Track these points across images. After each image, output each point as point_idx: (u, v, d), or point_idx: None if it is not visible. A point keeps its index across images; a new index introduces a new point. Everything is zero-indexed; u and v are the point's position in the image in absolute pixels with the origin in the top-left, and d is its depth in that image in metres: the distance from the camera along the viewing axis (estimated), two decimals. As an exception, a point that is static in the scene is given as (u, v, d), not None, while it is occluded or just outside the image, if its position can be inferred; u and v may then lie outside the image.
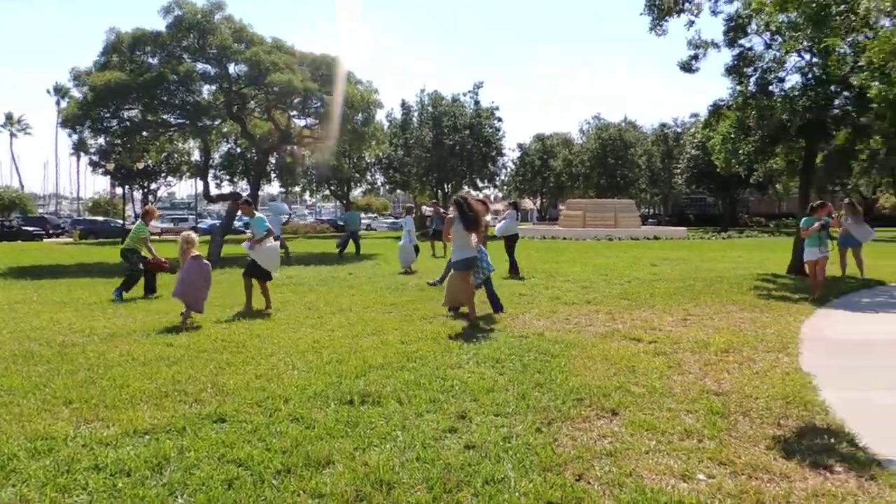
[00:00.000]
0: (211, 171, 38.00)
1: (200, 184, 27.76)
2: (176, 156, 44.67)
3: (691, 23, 14.55)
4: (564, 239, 32.91)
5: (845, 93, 13.77)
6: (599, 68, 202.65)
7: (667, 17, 13.39)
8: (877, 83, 10.13)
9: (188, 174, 47.85)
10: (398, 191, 67.66)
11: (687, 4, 13.21)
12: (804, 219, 11.32)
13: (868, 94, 11.87)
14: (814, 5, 9.33)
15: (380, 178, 52.48)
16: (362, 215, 58.35)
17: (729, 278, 13.72)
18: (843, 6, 9.17)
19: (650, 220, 58.93)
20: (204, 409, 4.83)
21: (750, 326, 8.18)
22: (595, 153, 60.45)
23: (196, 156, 38.22)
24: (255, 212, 10.16)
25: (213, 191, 30.57)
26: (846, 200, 16.15)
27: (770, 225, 55.01)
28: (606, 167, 59.16)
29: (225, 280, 13.02)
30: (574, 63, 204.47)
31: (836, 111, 14.21)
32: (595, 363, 6.17)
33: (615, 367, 6.04)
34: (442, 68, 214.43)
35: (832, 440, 4.17)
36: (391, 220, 64.40)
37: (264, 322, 8.65)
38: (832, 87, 13.80)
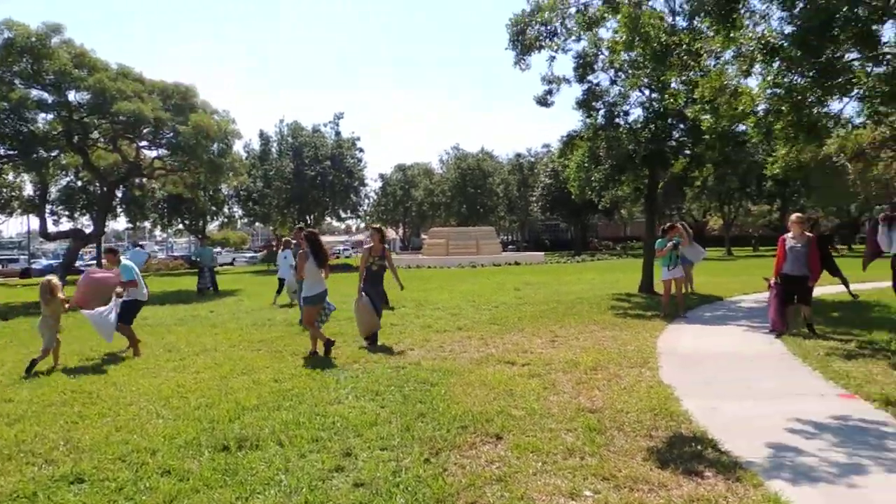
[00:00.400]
0: (48, 207, 35.00)
1: (34, 220, 25.40)
2: (5, 190, 40.75)
3: (553, 58, 15.39)
4: (429, 267, 33.29)
5: (681, 125, 15.12)
6: (459, 99, 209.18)
7: (530, 53, 14.07)
8: (707, 116, 11.22)
9: (19, 210, 43.75)
10: (257, 224, 65.69)
11: (547, 41, 13.96)
12: (658, 240, 12.18)
13: (700, 127, 13.12)
14: (656, 45, 10.20)
15: (238, 211, 50.66)
16: (221, 250, 55.88)
17: (588, 299, 14.46)
18: (682, 46, 10.10)
19: (510, 247, 61.08)
20: (58, 469, 4.34)
21: (612, 344, 8.63)
22: (455, 182, 62.05)
23: (29, 190, 34.98)
24: (122, 258, 9.43)
25: (51, 228, 28.12)
26: (678, 224, 17.65)
27: (617, 248, 58.78)
28: (466, 196, 60.85)
29: (71, 324, 11.92)
30: (434, 94, 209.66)
31: (674, 142, 15.56)
32: (474, 389, 6.23)
33: (494, 391, 6.13)
34: (301, 97, 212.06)
35: (699, 447, 4.45)
36: (250, 254, 62.14)
37: (119, 368, 7.98)
38: (670, 120, 15.10)
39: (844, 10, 7.18)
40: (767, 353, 7.95)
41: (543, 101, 16.44)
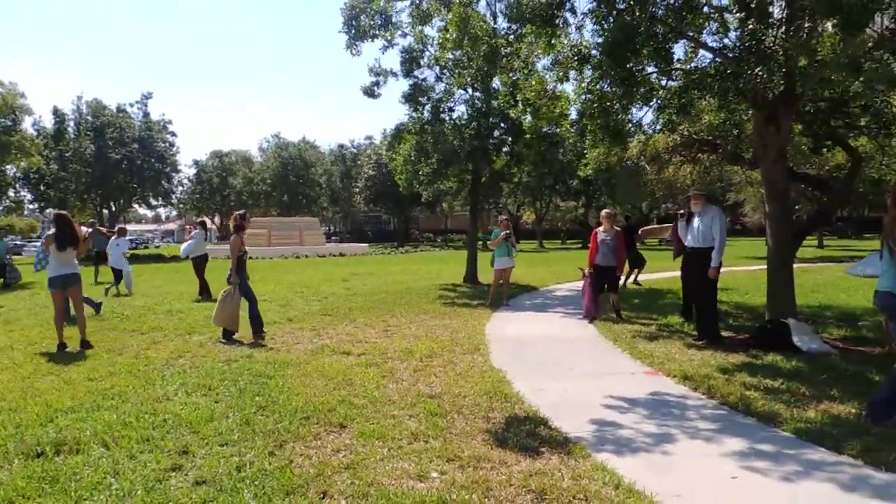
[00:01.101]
0: None
1: None
2: None
3: (386, 48, 15.44)
4: (251, 258, 32.09)
5: (503, 124, 15.91)
6: (280, 87, 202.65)
7: (363, 39, 14.04)
8: (528, 117, 11.94)
9: None
10: (49, 210, 59.19)
11: (381, 31, 14.00)
12: (494, 231, 12.73)
13: (522, 126, 13.91)
14: (485, 47, 10.63)
15: (27, 196, 45.27)
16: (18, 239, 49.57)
17: (416, 290, 14.79)
18: (508, 49, 10.63)
19: (333, 238, 60.56)
20: None
21: (444, 332, 8.94)
22: (276, 172, 60.26)
23: None
24: None
25: None
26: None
27: (438, 240, 60.51)
28: (288, 185, 59.38)
29: None
30: (255, 83, 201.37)
31: (496, 140, 16.34)
32: (313, 380, 6.16)
33: (333, 381, 6.11)
34: (98, 76, 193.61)
35: (532, 426, 4.78)
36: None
37: None
38: (493, 119, 15.83)
39: (643, 28, 7.97)
40: (583, 337, 8.68)
41: (370, 93, 16.50)
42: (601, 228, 10.11)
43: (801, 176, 11.03)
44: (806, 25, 8.12)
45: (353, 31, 13.82)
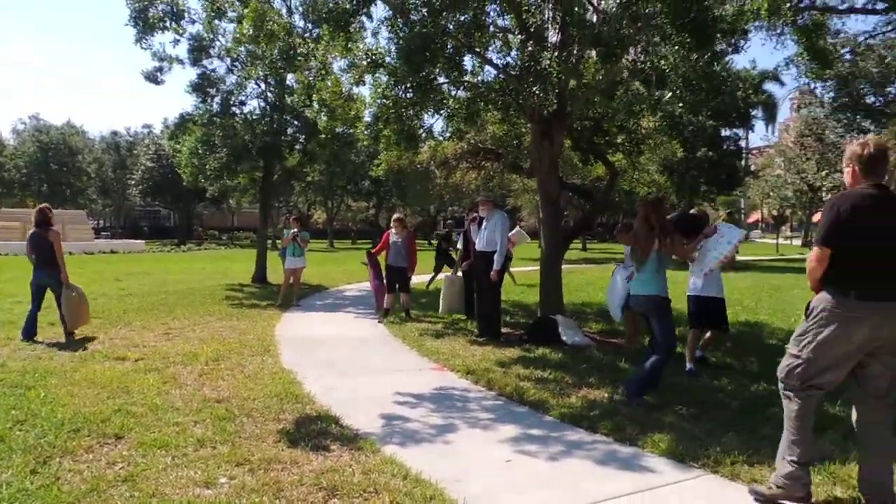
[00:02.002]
0: None
1: None
2: None
3: (177, 41, 14.50)
4: (2, 255, 28.24)
5: (296, 122, 15.69)
6: (40, 62, 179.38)
7: (153, 32, 13.06)
8: (324, 117, 11.95)
9: None
10: None
11: (172, 24, 13.09)
12: (285, 229, 12.46)
13: (316, 125, 13.84)
14: (280, 44, 10.43)
15: None
16: None
17: (200, 290, 14.06)
18: (305, 48, 10.52)
19: (104, 233, 55.18)
20: None
21: (231, 334, 8.64)
22: (34, 158, 53.51)
23: None
24: None
25: None
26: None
27: (224, 238, 57.80)
28: (49, 174, 53.05)
29: None
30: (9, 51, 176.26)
31: (289, 137, 16.06)
32: (82, 389, 5.65)
33: (106, 389, 5.65)
34: None
35: (324, 425, 4.83)
36: None
37: None
38: (286, 115, 15.54)
39: (438, 39, 8.39)
40: (373, 336, 8.88)
41: (153, 78, 15.38)
42: (393, 231, 10.41)
43: (570, 185, 12.25)
44: (575, 51, 9.05)
45: (142, 25, 12.83)
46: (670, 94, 7.96)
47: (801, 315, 3.66)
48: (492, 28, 9.51)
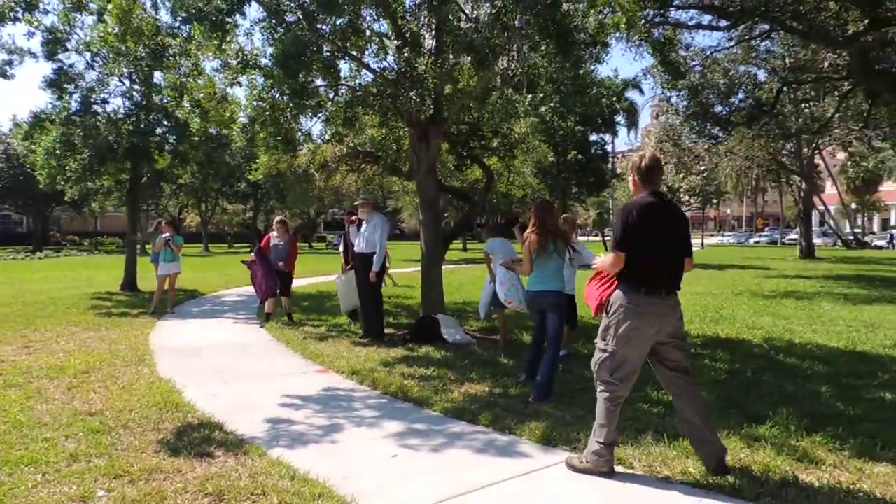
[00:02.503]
0: None
1: None
2: None
3: (31, 34, 13.49)
4: None
5: (167, 122, 15.03)
6: None
7: (2, 23, 12.05)
8: (197, 118, 11.57)
9: None
10: None
11: (24, 15, 12.14)
12: (158, 234, 11.90)
13: (188, 126, 13.36)
14: (150, 42, 10.02)
15: None
16: None
17: (63, 299, 13.20)
18: (176, 47, 10.15)
19: (-57, 241, 50.02)
20: None
21: (101, 345, 8.22)
22: None
23: None
24: None
25: None
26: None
27: (85, 243, 54.12)
28: None
29: None
30: None
31: (158, 137, 15.36)
32: (-68, 411, 5.23)
33: (-39, 409, 5.27)
34: None
35: (206, 432, 4.77)
36: None
37: None
38: (155, 115, 14.85)
39: (313, 43, 8.40)
40: (256, 341, 8.76)
41: (2, 73, 14.24)
42: (274, 234, 10.28)
43: (449, 188, 12.58)
44: (450, 58, 9.35)
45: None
46: (542, 96, 8.41)
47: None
48: (368, 32, 9.64)
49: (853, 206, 61.95)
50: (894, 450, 4.25)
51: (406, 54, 8.80)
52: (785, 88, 21.94)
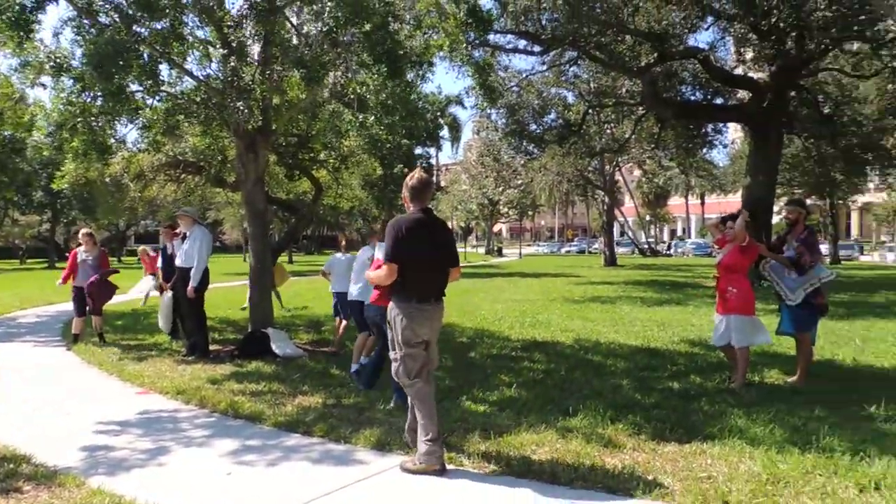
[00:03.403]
0: None
1: None
2: None
3: None
4: None
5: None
6: None
7: None
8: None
9: None
10: None
11: None
12: None
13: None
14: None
15: None
16: None
17: None
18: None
19: None
20: None
21: None
22: None
23: None
24: None
25: None
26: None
27: None
28: None
29: None
30: None
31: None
32: None
33: None
34: None
35: (11, 465, 4.36)
36: None
37: None
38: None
39: (132, 47, 7.97)
40: (64, 365, 8.08)
41: None
42: (82, 248, 9.51)
43: (276, 200, 12.39)
44: (278, 69, 9.28)
45: None
46: (373, 117, 8.61)
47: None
48: (191, 38, 9.28)
49: (647, 217, 68.86)
50: (680, 431, 4.92)
51: (232, 63, 8.61)
52: (590, 111, 24.07)
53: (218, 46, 9.08)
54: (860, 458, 4.25)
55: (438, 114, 33.56)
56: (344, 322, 8.65)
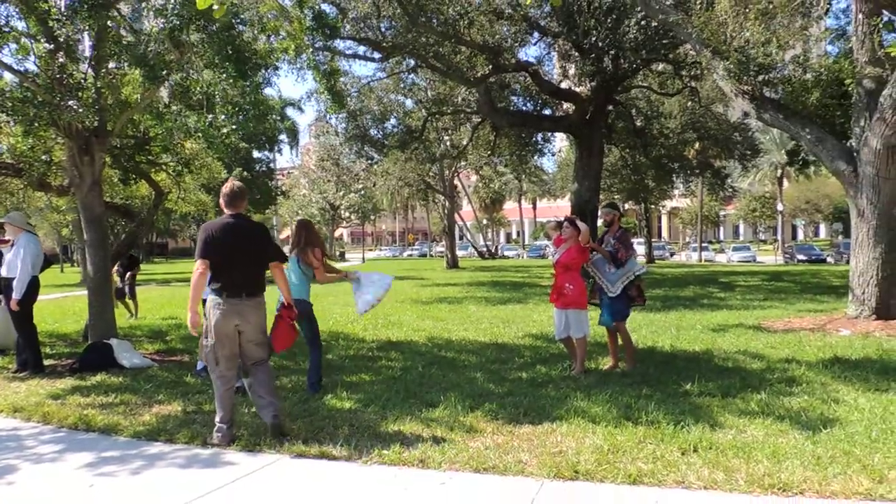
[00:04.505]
0: None
1: None
2: None
3: None
4: None
5: None
6: None
7: None
8: None
9: None
10: None
11: None
12: None
13: None
14: None
15: None
16: None
17: None
18: None
19: None
20: None
21: None
22: None
23: None
24: None
25: None
26: None
27: None
28: None
29: None
30: None
31: None
32: None
33: None
34: None
35: None
36: None
37: None
38: None
39: None
40: None
41: None
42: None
43: (111, 205, 11.65)
44: (112, 66, 8.85)
45: None
46: (223, 117, 8.45)
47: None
48: (9, 31, 8.55)
49: (485, 221, 71.82)
50: (532, 415, 5.41)
51: (61, 59, 8.09)
52: (429, 118, 24.82)
53: (42, 40, 8.46)
54: (681, 427, 4.95)
55: (277, 118, 32.94)
56: None
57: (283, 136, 37.92)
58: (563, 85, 22.46)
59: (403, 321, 11.95)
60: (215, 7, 3.74)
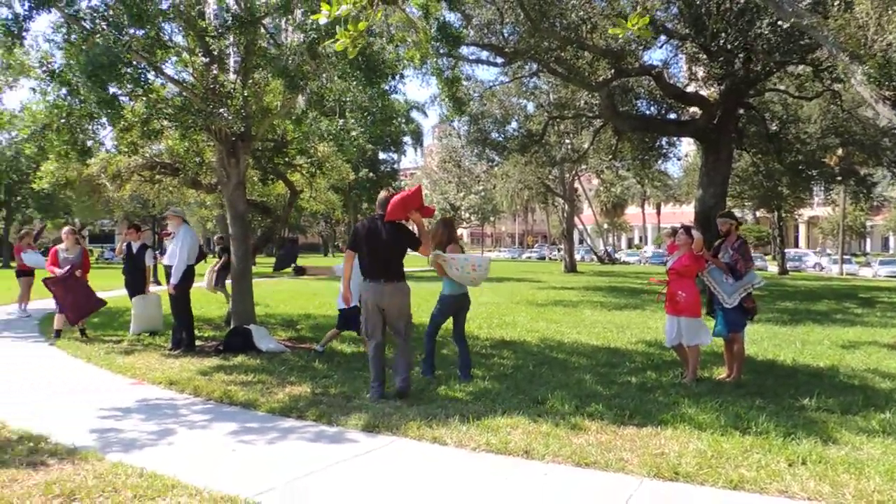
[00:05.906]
0: None
1: None
2: None
3: None
4: None
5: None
6: None
7: None
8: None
9: None
10: None
11: None
12: None
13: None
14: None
15: None
16: None
17: None
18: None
19: None
20: None
21: None
22: None
23: None
24: None
25: None
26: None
27: None
28: None
29: None
30: None
31: None
32: None
33: None
34: None
35: (31, 444, 4.72)
36: None
37: None
38: None
39: (124, 55, 8.26)
40: (52, 358, 8.33)
41: None
42: (62, 246, 9.75)
43: (252, 202, 12.72)
44: (257, 78, 9.69)
45: None
46: (352, 121, 9.08)
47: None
48: (172, 46, 9.60)
49: (605, 226, 70.46)
50: (637, 417, 5.53)
51: (214, 71, 8.99)
52: (551, 121, 24.86)
53: (199, 54, 9.44)
54: (791, 439, 4.90)
55: (402, 121, 34.10)
56: None
57: (406, 139, 39.13)
58: (690, 88, 21.81)
59: (518, 322, 12.21)
60: (349, 49, 4.25)
